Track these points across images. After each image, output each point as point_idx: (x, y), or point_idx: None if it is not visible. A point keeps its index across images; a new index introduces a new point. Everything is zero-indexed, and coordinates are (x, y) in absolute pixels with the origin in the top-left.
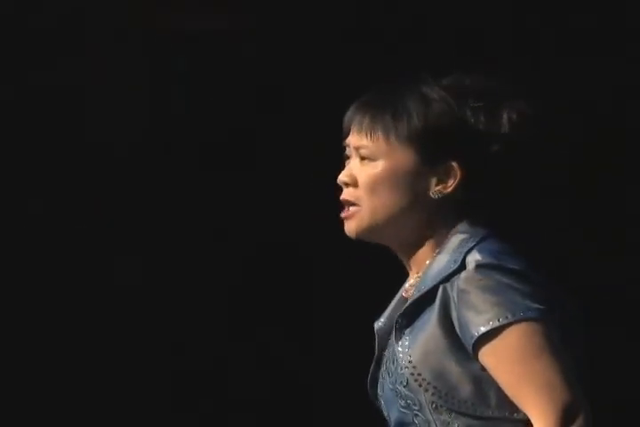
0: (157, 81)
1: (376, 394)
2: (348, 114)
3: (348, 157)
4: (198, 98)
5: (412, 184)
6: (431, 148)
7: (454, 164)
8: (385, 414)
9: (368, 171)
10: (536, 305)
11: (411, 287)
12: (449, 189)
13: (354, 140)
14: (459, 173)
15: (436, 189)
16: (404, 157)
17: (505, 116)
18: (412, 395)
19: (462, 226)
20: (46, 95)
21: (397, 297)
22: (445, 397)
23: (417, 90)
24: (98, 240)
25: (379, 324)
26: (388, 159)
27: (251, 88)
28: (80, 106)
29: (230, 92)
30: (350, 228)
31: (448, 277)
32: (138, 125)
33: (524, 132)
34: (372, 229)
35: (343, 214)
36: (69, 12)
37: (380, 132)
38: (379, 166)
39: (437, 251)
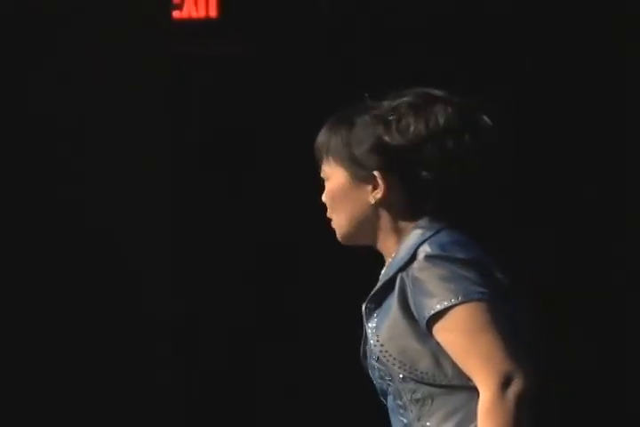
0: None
1: (366, 366)
2: (315, 142)
3: None
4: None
5: (353, 195)
6: (354, 166)
7: (376, 173)
8: (373, 382)
9: (326, 190)
10: (480, 289)
11: (381, 276)
12: (380, 194)
13: (320, 162)
14: (383, 180)
15: (372, 196)
16: (340, 174)
17: (412, 124)
18: (383, 368)
19: (422, 221)
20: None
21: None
22: (409, 369)
23: (349, 117)
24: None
25: (363, 305)
26: (332, 179)
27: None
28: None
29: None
30: (339, 239)
31: (403, 267)
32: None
33: (430, 135)
34: (347, 236)
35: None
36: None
37: (324, 155)
38: (329, 186)
39: (400, 245)
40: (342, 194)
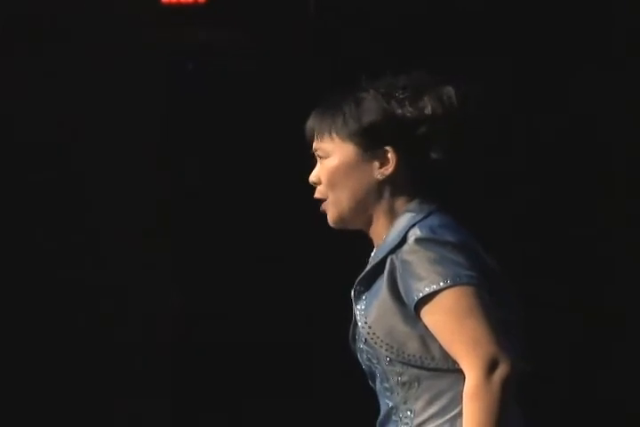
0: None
1: (355, 349)
2: (306, 125)
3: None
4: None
5: (359, 171)
6: (365, 138)
7: (388, 148)
8: (362, 365)
9: (325, 168)
10: (468, 273)
11: (371, 258)
12: (390, 170)
13: (314, 145)
14: (394, 156)
15: (379, 172)
16: (347, 149)
17: (427, 101)
18: (371, 350)
19: (412, 205)
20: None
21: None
22: (397, 352)
23: (352, 94)
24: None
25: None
26: (336, 154)
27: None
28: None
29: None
30: (329, 220)
31: (393, 250)
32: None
33: (446, 113)
34: (341, 217)
35: (321, 210)
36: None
37: (325, 134)
38: (331, 162)
39: (391, 227)
40: (347, 169)
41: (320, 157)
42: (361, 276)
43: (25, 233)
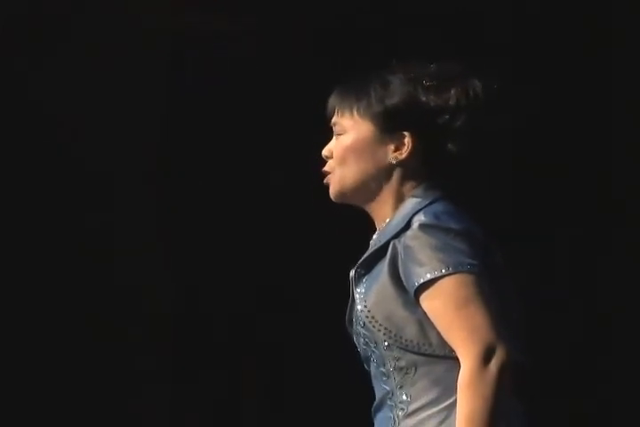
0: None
1: (351, 332)
2: (329, 99)
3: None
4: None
5: (373, 152)
6: (386, 120)
7: (406, 133)
8: (358, 348)
9: (339, 143)
10: (469, 260)
11: (373, 241)
12: (404, 155)
13: (333, 119)
14: (411, 141)
15: (392, 155)
16: (365, 128)
17: (453, 91)
18: (368, 334)
19: (418, 190)
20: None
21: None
22: (395, 337)
23: (380, 75)
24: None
25: (352, 271)
26: (353, 132)
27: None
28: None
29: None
30: (330, 193)
31: (397, 235)
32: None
33: (470, 106)
34: (344, 192)
35: (324, 182)
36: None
37: (346, 110)
38: (346, 139)
39: (395, 211)
40: (361, 148)
41: (337, 133)
42: (362, 259)
43: (25, 233)
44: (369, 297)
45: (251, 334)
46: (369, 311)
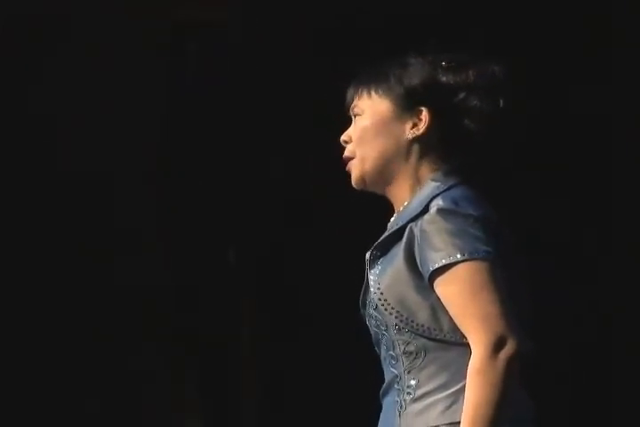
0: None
1: (364, 314)
2: (349, 88)
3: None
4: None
5: (391, 129)
6: (404, 98)
7: (423, 109)
8: (370, 331)
9: (357, 125)
10: (485, 247)
11: (390, 224)
12: (421, 131)
13: (353, 103)
14: (428, 117)
15: (410, 131)
16: (383, 106)
17: (470, 72)
18: (380, 317)
19: (438, 175)
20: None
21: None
22: (406, 320)
23: (399, 58)
24: None
25: (368, 253)
26: (371, 111)
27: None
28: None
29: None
30: (352, 180)
31: (414, 219)
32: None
33: (488, 85)
34: (364, 176)
35: (347, 169)
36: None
37: (364, 91)
38: (364, 118)
39: (414, 195)
40: (379, 127)
41: (355, 115)
42: (379, 241)
43: (25, 233)
44: (383, 280)
45: (251, 334)
46: (382, 294)
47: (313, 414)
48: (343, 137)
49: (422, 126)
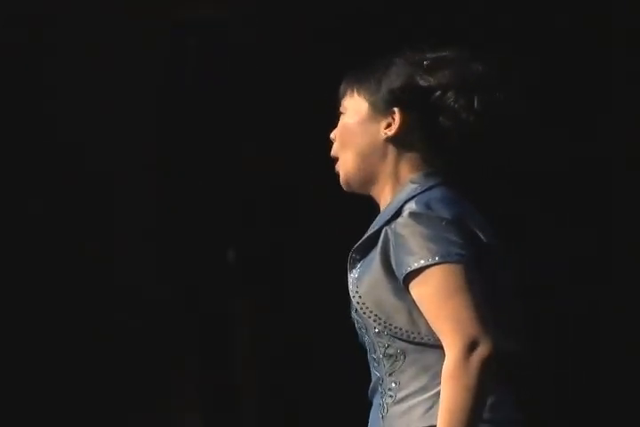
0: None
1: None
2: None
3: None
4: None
5: (367, 128)
6: (380, 99)
7: (396, 109)
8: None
9: (340, 124)
10: (458, 250)
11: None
12: (393, 131)
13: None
14: (400, 117)
15: (384, 131)
16: (362, 106)
17: (448, 71)
18: (360, 320)
19: (417, 176)
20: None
21: None
22: (384, 324)
23: (387, 59)
24: None
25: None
26: (352, 110)
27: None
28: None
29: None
30: (341, 182)
31: (389, 222)
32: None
33: (463, 84)
34: (348, 177)
35: (336, 171)
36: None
37: (349, 90)
38: (346, 117)
39: (395, 195)
40: (356, 126)
41: (340, 112)
42: (357, 244)
43: (25, 233)
44: (361, 283)
45: (251, 334)
46: (360, 298)
47: (313, 414)
48: (331, 135)
49: (394, 127)
